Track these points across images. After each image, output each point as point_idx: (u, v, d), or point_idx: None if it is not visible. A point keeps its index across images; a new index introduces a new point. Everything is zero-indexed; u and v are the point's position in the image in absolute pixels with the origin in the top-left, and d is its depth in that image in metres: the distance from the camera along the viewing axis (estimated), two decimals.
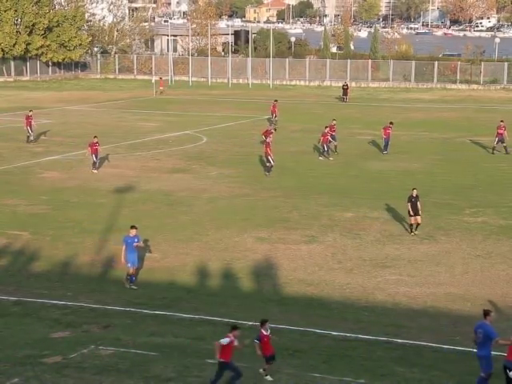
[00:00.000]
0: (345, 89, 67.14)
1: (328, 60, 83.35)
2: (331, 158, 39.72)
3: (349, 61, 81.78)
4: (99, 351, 16.82)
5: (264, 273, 22.94)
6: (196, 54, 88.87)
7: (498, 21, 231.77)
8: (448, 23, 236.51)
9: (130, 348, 17.05)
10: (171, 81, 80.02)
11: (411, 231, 26.48)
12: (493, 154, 41.10)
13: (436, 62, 78.80)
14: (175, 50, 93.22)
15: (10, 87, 75.52)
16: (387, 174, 36.49)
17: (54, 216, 29.02)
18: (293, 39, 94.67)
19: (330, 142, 40.36)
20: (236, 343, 14.84)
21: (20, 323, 19.04)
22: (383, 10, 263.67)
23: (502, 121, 41.81)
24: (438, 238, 26.17)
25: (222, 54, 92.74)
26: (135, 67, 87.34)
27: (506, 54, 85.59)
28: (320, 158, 39.90)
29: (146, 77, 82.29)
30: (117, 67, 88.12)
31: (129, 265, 21.31)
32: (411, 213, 26.23)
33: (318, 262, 23.80)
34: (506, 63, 77.46)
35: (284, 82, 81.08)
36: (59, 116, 55.53)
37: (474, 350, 15.60)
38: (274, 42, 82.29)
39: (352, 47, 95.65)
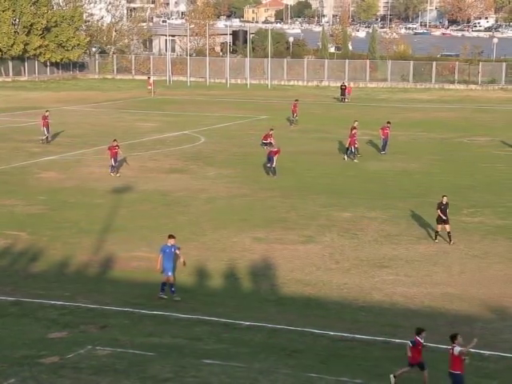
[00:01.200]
0: (343, 89, 67.22)
1: (326, 60, 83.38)
2: (356, 160, 39.35)
3: (347, 61, 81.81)
4: (96, 351, 16.83)
5: (262, 273, 22.96)
6: (194, 54, 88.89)
7: (496, 21, 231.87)
8: (446, 23, 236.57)
9: (127, 348, 17.06)
10: (169, 81, 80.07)
11: (435, 238, 25.78)
12: None
13: (434, 62, 78.85)
14: (173, 50, 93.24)
15: (8, 87, 75.51)
16: (385, 174, 36.51)
17: (51, 216, 29.02)
18: (291, 39, 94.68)
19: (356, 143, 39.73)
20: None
21: (17, 323, 19.04)
22: (381, 10, 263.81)
23: None
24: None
25: (220, 54, 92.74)
26: (133, 67, 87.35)
27: (504, 54, 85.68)
28: (355, 160, 39.33)
29: (145, 77, 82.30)
30: (115, 67, 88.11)
31: (169, 273, 20.61)
32: (443, 218, 25.52)
33: (315, 262, 23.82)
34: (504, 63, 77.55)
35: (282, 83, 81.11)
36: (57, 116, 55.34)
37: (472, 350, 15.63)
38: (272, 42, 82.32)
39: (350, 47, 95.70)
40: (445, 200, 25.89)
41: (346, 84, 69.53)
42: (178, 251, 20.84)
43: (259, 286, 21.99)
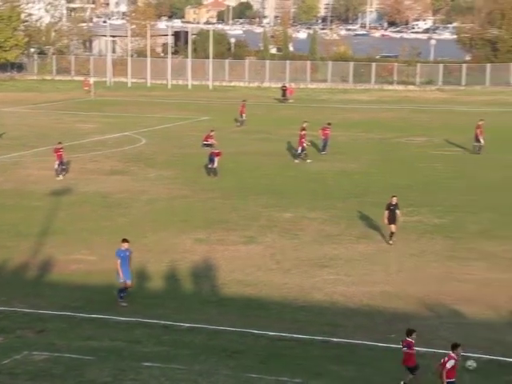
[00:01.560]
0: (284, 90, 67.58)
1: (267, 61, 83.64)
2: (296, 161, 39.43)
3: (288, 62, 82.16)
4: (33, 356, 16.61)
5: (203, 274, 22.95)
6: (135, 55, 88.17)
7: (434, 23, 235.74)
8: (385, 25, 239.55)
9: (64, 352, 16.86)
10: (110, 82, 79.31)
11: (390, 239, 25.80)
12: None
13: (374, 64, 79.73)
14: (114, 50, 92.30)
15: None
16: (325, 175, 36.80)
17: None
18: (232, 40, 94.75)
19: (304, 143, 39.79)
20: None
21: None
22: (322, 12, 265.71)
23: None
24: (375, 237, 26.52)
25: (162, 55, 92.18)
26: (73, 68, 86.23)
27: (442, 55, 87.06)
28: (296, 161, 39.48)
29: (84, 78, 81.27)
30: (54, 68, 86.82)
31: (126, 279, 20.32)
32: (385, 221, 25.61)
33: (256, 262, 23.90)
34: (441, 65, 78.87)
35: (224, 84, 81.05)
36: None
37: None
38: (213, 43, 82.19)
39: (291, 48, 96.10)
40: (394, 200, 25.91)
41: (287, 85, 69.93)
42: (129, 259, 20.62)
43: (200, 288, 21.99)
